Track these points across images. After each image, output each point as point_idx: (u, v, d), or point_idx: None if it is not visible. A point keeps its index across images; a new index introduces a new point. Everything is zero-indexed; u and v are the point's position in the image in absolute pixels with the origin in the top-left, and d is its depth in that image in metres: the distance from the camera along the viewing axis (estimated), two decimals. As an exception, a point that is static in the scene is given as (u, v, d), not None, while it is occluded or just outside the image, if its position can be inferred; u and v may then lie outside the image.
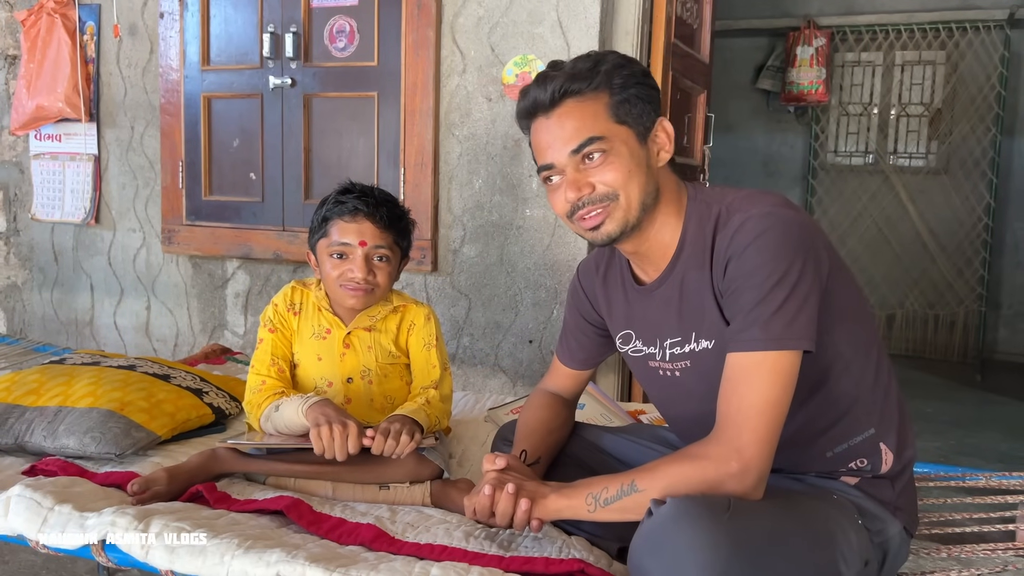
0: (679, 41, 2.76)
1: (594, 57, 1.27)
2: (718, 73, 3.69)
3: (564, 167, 1.25)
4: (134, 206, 3.27)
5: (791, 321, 1.13)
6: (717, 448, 1.13)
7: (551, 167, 1.27)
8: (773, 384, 1.13)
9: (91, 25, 3.25)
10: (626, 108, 1.25)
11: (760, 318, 1.14)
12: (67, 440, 1.61)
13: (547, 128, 1.26)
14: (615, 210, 1.25)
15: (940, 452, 3.33)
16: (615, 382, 2.65)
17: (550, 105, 1.25)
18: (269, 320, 1.72)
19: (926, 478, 1.79)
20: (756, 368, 1.13)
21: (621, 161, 1.24)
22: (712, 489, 1.11)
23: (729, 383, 1.16)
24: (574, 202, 1.25)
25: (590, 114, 1.24)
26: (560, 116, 1.25)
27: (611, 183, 1.24)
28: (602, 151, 1.23)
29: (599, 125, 1.23)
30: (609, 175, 1.24)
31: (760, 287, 1.14)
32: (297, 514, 1.38)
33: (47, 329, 3.51)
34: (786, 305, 1.13)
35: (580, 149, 1.23)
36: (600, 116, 1.24)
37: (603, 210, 1.25)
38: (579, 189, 1.24)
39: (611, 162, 1.24)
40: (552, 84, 1.24)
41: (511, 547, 1.31)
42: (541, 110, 1.26)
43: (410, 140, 2.73)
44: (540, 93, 1.25)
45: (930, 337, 5.17)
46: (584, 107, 1.24)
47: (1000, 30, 4.83)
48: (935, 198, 5.12)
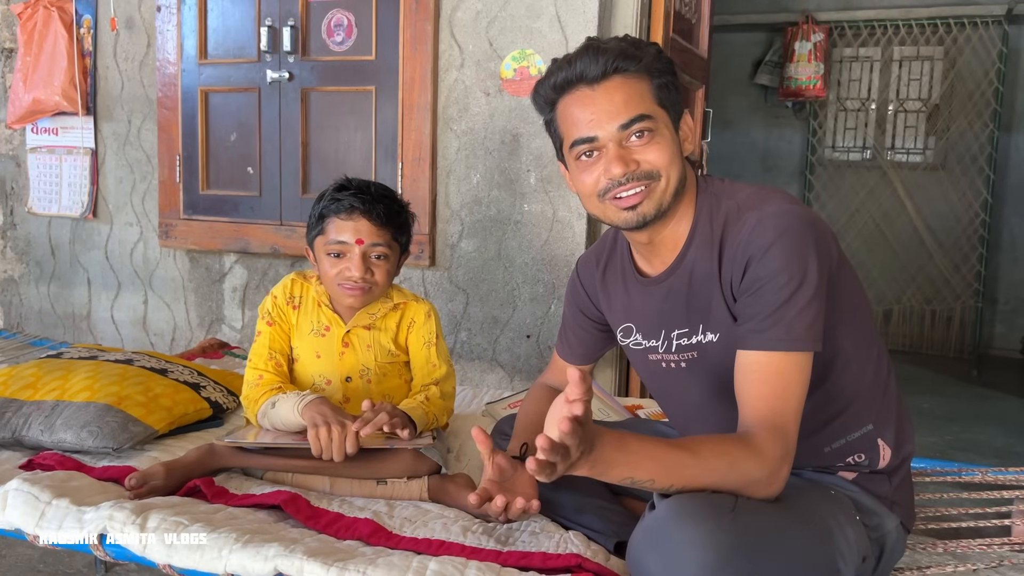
0: (677, 36, 2.76)
1: (633, 40, 1.26)
2: (716, 68, 3.68)
3: (607, 142, 1.23)
4: (131, 200, 3.26)
5: (812, 323, 1.16)
6: (769, 451, 1.11)
7: (592, 140, 1.23)
8: (803, 385, 1.16)
9: (88, 18, 3.23)
10: (665, 94, 1.25)
11: (784, 318, 1.15)
12: (64, 434, 1.61)
13: (592, 100, 1.23)
14: (654, 191, 1.24)
15: (936, 447, 3.34)
16: (613, 377, 2.65)
17: (600, 77, 1.22)
18: (268, 313, 1.71)
19: (922, 473, 1.80)
20: (790, 368, 1.15)
21: (665, 143, 1.23)
22: (747, 488, 1.10)
23: (765, 383, 1.16)
24: (617, 177, 1.22)
25: (637, 93, 1.22)
26: (608, 89, 1.22)
27: (655, 163, 1.23)
28: (649, 130, 1.22)
29: (646, 104, 1.23)
30: (653, 155, 1.23)
31: (785, 287, 1.15)
32: (295, 509, 1.38)
33: (44, 323, 3.50)
34: (809, 306, 1.15)
35: (630, 125, 1.21)
36: (646, 96, 1.23)
37: (645, 189, 1.23)
38: (626, 164, 1.22)
39: (657, 142, 1.23)
40: (604, 57, 1.21)
41: (508, 542, 1.31)
42: (586, 82, 1.23)
43: (408, 135, 2.73)
44: (589, 64, 1.22)
45: (927, 333, 5.18)
46: (631, 85, 1.22)
47: (998, 26, 4.82)
48: (932, 194, 5.13)
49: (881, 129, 5.24)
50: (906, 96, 5.17)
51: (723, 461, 1.10)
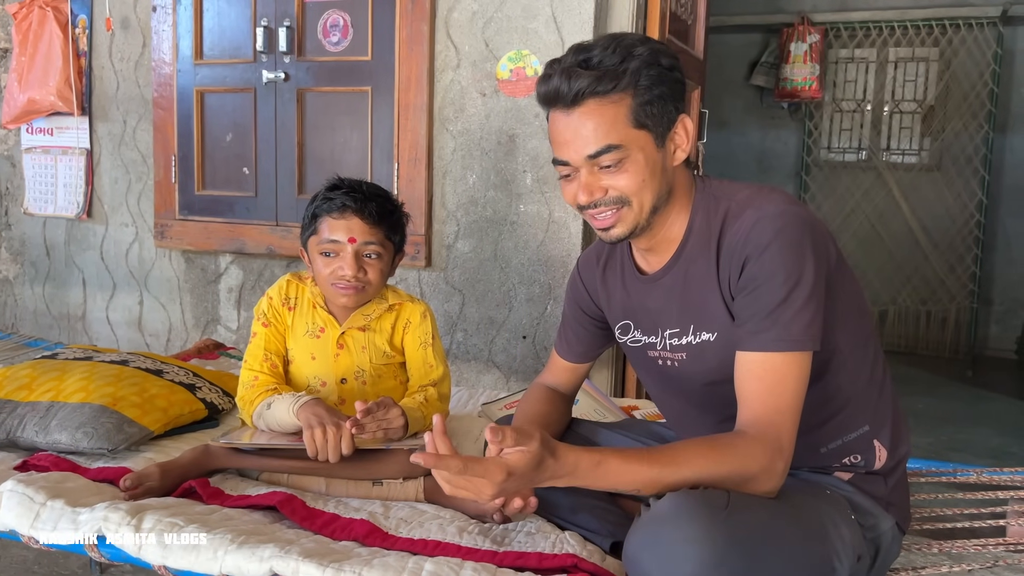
0: (673, 37, 2.76)
1: (624, 47, 1.20)
2: (712, 69, 3.69)
3: (579, 166, 1.24)
4: (127, 200, 3.25)
5: (810, 323, 1.16)
6: (762, 446, 1.13)
7: (565, 163, 1.26)
8: (801, 384, 1.17)
9: (83, 18, 3.23)
10: (648, 110, 1.21)
11: (782, 319, 1.15)
12: (59, 435, 1.61)
13: (566, 125, 1.23)
14: (627, 215, 1.25)
15: (931, 448, 3.35)
16: (609, 378, 2.65)
17: (572, 102, 1.21)
18: (263, 313, 1.71)
19: (917, 474, 1.80)
20: (787, 368, 1.15)
21: (636, 168, 1.22)
22: (745, 484, 1.12)
23: (760, 382, 1.17)
24: (585, 204, 1.25)
25: (610, 119, 1.20)
26: (581, 115, 1.21)
27: (623, 190, 1.23)
28: (618, 160, 1.22)
29: (618, 132, 1.20)
30: (622, 182, 1.23)
31: (783, 287, 1.16)
32: (290, 509, 1.38)
33: (39, 324, 3.49)
34: (807, 306, 1.16)
35: (597, 156, 1.22)
36: (620, 121, 1.20)
37: (614, 213, 1.25)
38: (591, 193, 1.24)
39: (626, 169, 1.22)
40: (577, 83, 1.19)
41: (504, 542, 1.31)
42: (561, 103, 1.22)
43: (404, 135, 2.73)
44: (563, 86, 1.20)
45: (922, 333, 5.19)
46: (605, 110, 1.20)
47: (993, 27, 4.84)
48: (928, 195, 5.14)
49: (876, 130, 5.25)
50: (901, 97, 5.18)
51: (707, 462, 1.12)
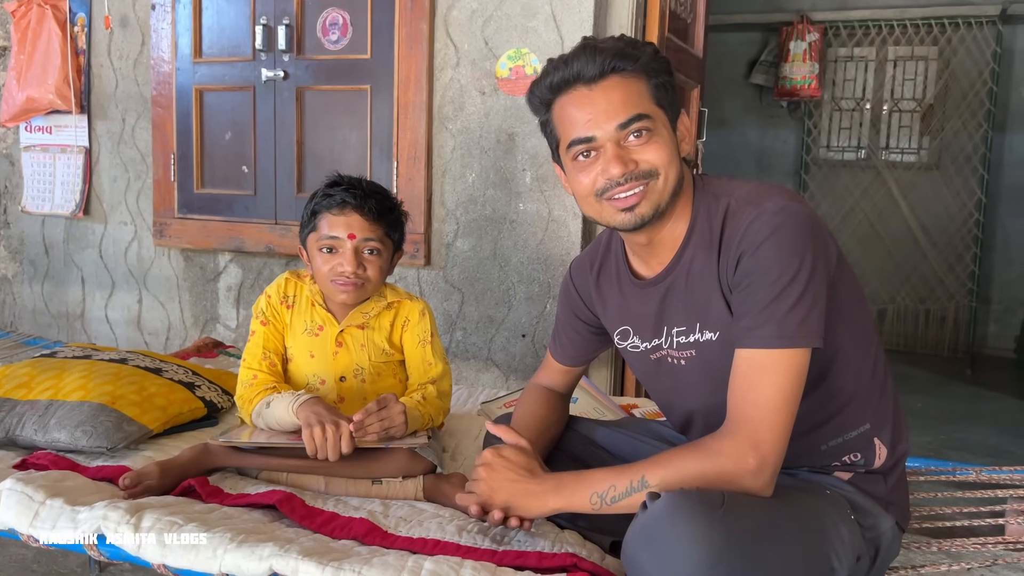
0: (673, 36, 2.76)
1: (629, 40, 1.26)
2: (711, 68, 3.69)
3: (605, 142, 1.22)
4: (125, 199, 3.25)
5: (804, 319, 1.14)
6: (734, 443, 1.13)
7: (590, 139, 1.23)
8: (788, 381, 1.14)
9: (82, 16, 3.22)
10: (662, 93, 1.24)
11: (775, 315, 1.14)
12: (58, 434, 1.60)
13: (590, 100, 1.22)
14: (653, 190, 1.23)
15: (930, 447, 3.35)
16: (607, 376, 2.65)
17: (598, 77, 1.21)
18: (261, 312, 1.71)
19: (916, 472, 1.80)
20: (772, 365, 1.14)
21: (664, 141, 1.23)
22: (727, 484, 1.12)
23: (744, 378, 1.16)
24: (616, 177, 1.22)
25: (635, 92, 1.22)
26: (606, 89, 1.22)
27: (654, 162, 1.22)
28: (647, 129, 1.22)
29: (644, 103, 1.22)
30: (652, 154, 1.22)
31: (775, 284, 1.15)
32: (290, 508, 1.38)
33: (38, 322, 3.49)
34: (800, 302, 1.14)
35: (628, 124, 1.21)
36: (644, 95, 1.23)
37: (643, 188, 1.23)
38: (624, 164, 1.21)
39: (655, 141, 1.22)
40: (601, 57, 1.21)
41: (504, 541, 1.31)
42: (583, 81, 1.22)
43: (403, 133, 2.73)
44: (587, 64, 1.21)
45: (921, 332, 5.19)
46: (629, 84, 1.22)
47: (992, 26, 4.84)
48: (927, 193, 5.14)
49: (876, 129, 5.25)
50: (900, 96, 5.18)
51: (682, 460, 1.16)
